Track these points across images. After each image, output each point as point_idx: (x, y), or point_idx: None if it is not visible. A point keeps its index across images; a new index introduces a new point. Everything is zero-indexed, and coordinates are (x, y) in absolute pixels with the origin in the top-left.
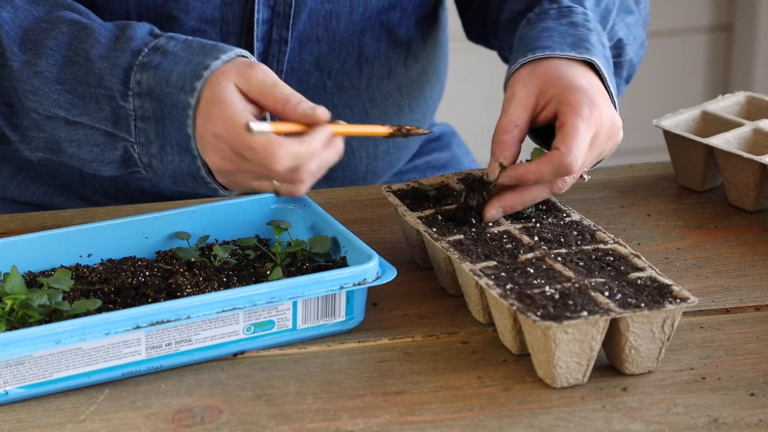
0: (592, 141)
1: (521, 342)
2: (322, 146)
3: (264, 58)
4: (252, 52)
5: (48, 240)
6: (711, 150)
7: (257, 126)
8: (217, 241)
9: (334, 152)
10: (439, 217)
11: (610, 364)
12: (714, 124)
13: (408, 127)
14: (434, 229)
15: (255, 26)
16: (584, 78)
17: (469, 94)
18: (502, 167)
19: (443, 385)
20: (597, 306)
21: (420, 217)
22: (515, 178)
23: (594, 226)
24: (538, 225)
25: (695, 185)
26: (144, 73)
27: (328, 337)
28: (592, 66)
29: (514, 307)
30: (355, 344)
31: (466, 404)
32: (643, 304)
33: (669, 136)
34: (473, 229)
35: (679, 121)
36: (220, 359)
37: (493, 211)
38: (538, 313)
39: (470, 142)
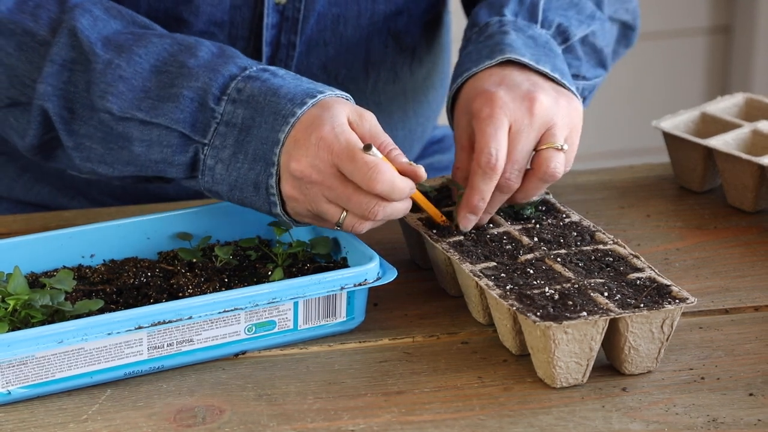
0: (516, 125)
1: (521, 342)
2: (408, 194)
3: (272, 62)
4: (260, 56)
5: (50, 240)
6: (710, 151)
7: (375, 150)
8: (218, 241)
9: (405, 208)
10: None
11: (609, 364)
12: (713, 125)
13: (455, 225)
14: (434, 231)
15: (264, 30)
16: (489, 79)
17: None
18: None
19: (444, 385)
20: (596, 306)
21: (420, 219)
22: (468, 213)
23: (593, 226)
24: (537, 226)
25: (694, 186)
26: (249, 83)
27: (329, 337)
28: (513, 62)
29: (514, 308)
30: (356, 344)
31: (467, 404)
32: (642, 305)
33: (668, 137)
34: (473, 231)
35: (679, 122)
36: (221, 359)
37: (467, 221)
38: (538, 314)
39: None
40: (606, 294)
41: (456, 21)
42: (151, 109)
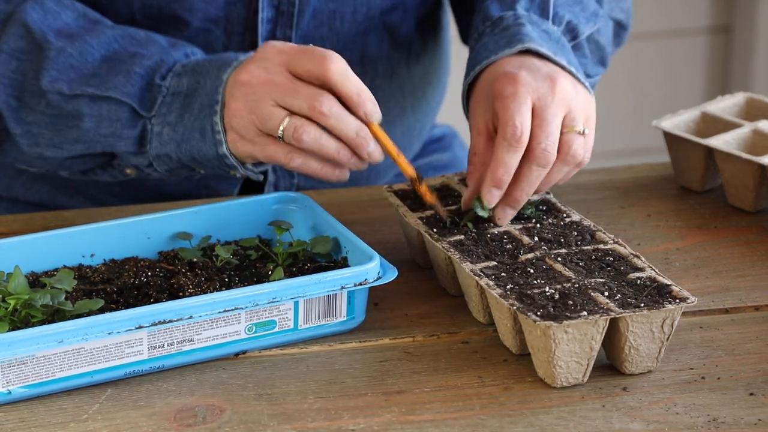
0: (540, 101)
1: (521, 342)
2: (362, 96)
3: None
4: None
5: (51, 240)
6: (710, 151)
7: None
8: (218, 241)
9: (356, 126)
10: (445, 221)
11: (609, 363)
12: (713, 124)
13: (423, 186)
14: (435, 230)
15: (259, 25)
16: (510, 65)
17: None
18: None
19: (444, 385)
20: (597, 306)
21: (421, 218)
22: (492, 187)
23: (594, 226)
24: (538, 225)
25: (695, 186)
26: (194, 58)
27: (329, 336)
28: (531, 52)
29: (515, 307)
30: (356, 344)
31: (467, 404)
32: (642, 304)
33: (669, 136)
34: (473, 230)
35: (679, 121)
36: (221, 359)
37: (503, 213)
38: (538, 313)
39: None
40: (606, 293)
41: (453, 20)
42: (102, 83)
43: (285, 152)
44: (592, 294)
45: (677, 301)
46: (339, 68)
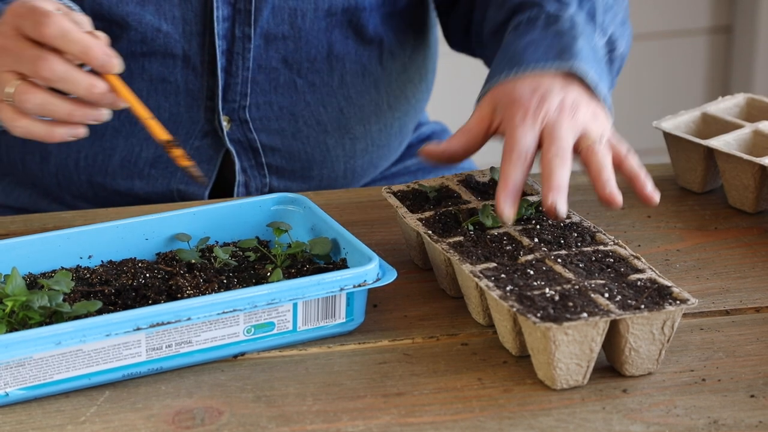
0: (549, 123)
1: (521, 343)
2: (84, 47)
3: (228, 56)
4: (214, 50)
5: (48, 241)
6: (711, 152)
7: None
8: (217, 242)
9: (86, 81)
10: (444, 218)
11: (609, 365)
12: (714, 125)
13: (177, 150)
14: (434, 231)
15: (215, 24)
16: (537, 87)
17: (462, 93)
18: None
19: (443, 387)
20: (597, 307)
21: (420, 219)
22: (504, 196)
23: (594, 227)
24: (538, 227)
25: (695, 187)
26: None
27: (328, 338)
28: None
29: (514, 309)
30: (356, 346)
31: (466, 406)
32: (643, 306)
33: (669, 137)
34: (472, 231)
35: (679, 122)
36: (220, 361)
37: (552, 205)
38: (538, 315)
39: None
40: (606, 295)
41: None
42: None
43: (9, 117)
44: (592, 295)
45: (678, 302)
46: (55, 30)
